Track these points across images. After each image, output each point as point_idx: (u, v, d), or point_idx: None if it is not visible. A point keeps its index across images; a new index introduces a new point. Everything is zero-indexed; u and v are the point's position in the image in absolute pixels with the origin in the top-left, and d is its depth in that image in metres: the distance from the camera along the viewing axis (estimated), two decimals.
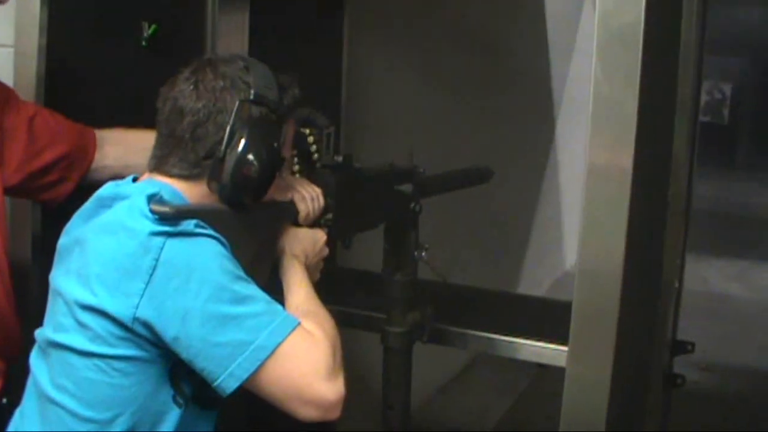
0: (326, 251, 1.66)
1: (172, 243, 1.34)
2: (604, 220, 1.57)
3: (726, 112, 10.10)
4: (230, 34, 2.36)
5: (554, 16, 5.23)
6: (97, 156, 1.86)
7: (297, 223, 1.63)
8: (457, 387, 4.46)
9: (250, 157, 1.43)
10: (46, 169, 1.79)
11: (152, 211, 1.34)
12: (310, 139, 1.68)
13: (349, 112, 2.89)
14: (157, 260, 1.33)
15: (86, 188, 1.59)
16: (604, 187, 1.56)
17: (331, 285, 1.63)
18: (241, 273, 1.38)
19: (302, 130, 1.66)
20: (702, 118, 2.14)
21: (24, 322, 1.71)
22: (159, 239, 1.34)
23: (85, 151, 1.85)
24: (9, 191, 1.77)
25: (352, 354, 1.44)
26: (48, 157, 1.79)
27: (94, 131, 1.88)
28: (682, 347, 2.17)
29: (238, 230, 1.46)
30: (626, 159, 1.54)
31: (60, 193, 1.82)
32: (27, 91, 1.84)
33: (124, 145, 1.54)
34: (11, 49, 1.86)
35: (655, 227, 1.98)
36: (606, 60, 1.53)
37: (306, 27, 2.61)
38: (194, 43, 2.31)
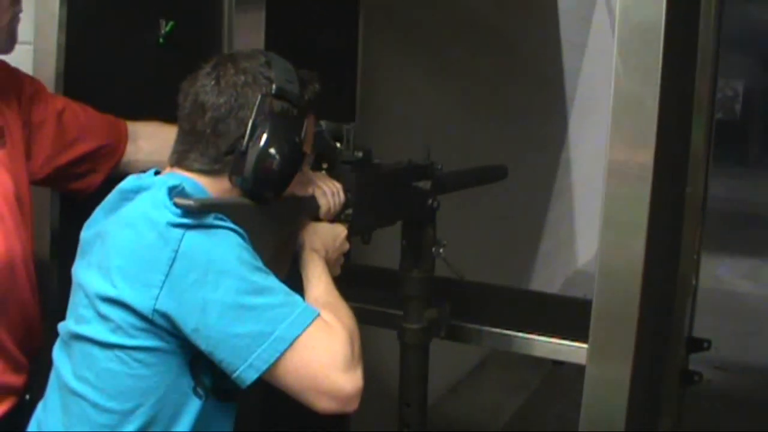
0: (347, 246, 1.66)
1: (191, 235, 1.34)
2: (624, 217, 1.56)
3: (738, 108, 10.07)
4: (246, 31, 2.37)
5: (567, 13, 5.23)
6: (130, 149, 1.87)
7: (318, 218, 1.63)
8: (469, 385, 4.47)
9: (272, 151, 1.43)
10: (74, 163, 1.80)
11: (176, 205, 1.34)
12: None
13: (364, 108, 2.89)
14: (176, 252, 1.32)
15: (111, 182, 1.59)
16: (625, 184, 1.55)
17: (349, 281, 1.63)
18: (260, 264, 1.38)
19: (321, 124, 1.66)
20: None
21: (44, 316, 1.72)
22: (178, 231, 1.34)
23: (115, 145, 1.85)
24: (37, 183, 1.77)
25: (369, 351, 1.44)
26: (77, 151, 1.79)
27: (126, 125, 1.88)
28: (698, 344, 2.16)
29: (260, 224, 1.46)
30: (647, 155, 1.53)
31: (88, 184, 1.82)
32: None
33: (158, 140, 1.53)
34: (30, 47, 1.86)
35: (673, 224, 1.98)
36: (627, 56, 1.52)
37: (321, 23, 2.62)
38: (211, 41, 2.32)
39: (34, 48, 1.88)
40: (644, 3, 1.51)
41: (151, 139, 1.85)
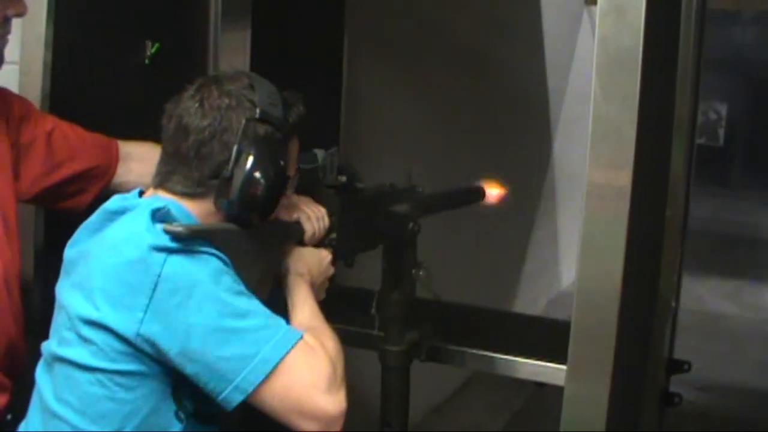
0: (331, 270, 1.67)
1: (173, 259, 1.35)
2: (602, 239, 1.58)
3: (721, 132, 10.13)
4: (232, 53, 2.38)
5: (551, 35, 5.26)
6: (121, 170, 1.87)
7: (302, 243, 1.64)
8: (452, 406, 4.46)
9: (258, 175, 1.44)
10: (63, 183, 1.80)
11: (165, 231, 1.35)
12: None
13: (348, 130, 2.91)
14: (158, 276, 1.33)
15: (100, 200, 1.59)
16: (603, 206, 1.58)
17: (330, 303, 1.64)
18: (242, 288, 1.39)
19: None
20: (697, 140, 2.15)
21: (27, 335, 1.72)
22: (160, 255, 1.35)
23: (106, 166, 1.85)
24: (26, 202, 1.78)
25: (351, 371, 1.45)
26: (66, 172, 1.79)
27: (118, 146, 1.88)
28: (678, 366, 2.17)
29: (247, 249, 1.47)
30: (625, 178, 1.56)
31: (78, 204, 1.82)
32: None
33: (150, 163, 1.54)
34: (16, 66, 1.87)
35: (653, 246, 2.00)
36: (605, 82, 1.55)
37: (307, 46, 2.63)
38: (196, 62, 2.33)
39: (20, 68, 1.89)
40: (622, 30, 1.53)
41: (143, 162, 1.83)
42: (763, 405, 4.39)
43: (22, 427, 1.50)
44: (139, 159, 1.86)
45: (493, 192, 2.17)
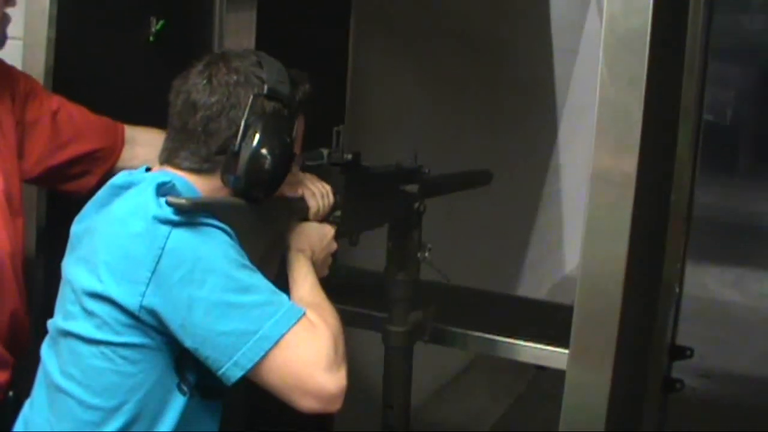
0: (334, 246, 1.67)
1: (178, 232, 1.35)
2: (606, 224, 1.57)
3: (729, 112, 10.07)
4: (237, 32, 2.38)
5: (558, 19, 5.24)
6: (127, 154, 1.86)
7: (306, 219, 1.64)
8: (454, 389, 4.47)
9: (264, 151, 1.44)
10: (67, 164, 1.80)
11: (168, 204, 1.35)
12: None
13: (353, 112, 2.90)
14: (162, 249, 1.33)
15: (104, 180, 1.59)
16: (608, 191, 1.56)
17: (333, 283, 1.64)
18: (246, 262, 1.39)
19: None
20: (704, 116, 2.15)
21: (31, 313, 1.72)
22: (165, 228, 1.35)
23: (111, 149, 1.85)
24: (29, 182, 1.77)
25: (353, 353, 1.45)
26: (70, 153, 1.79)
27: (124, 129, 1.87)
28: (681, 352, 2.17)
29: (251, 224, 1.47)
30: (630, 163, 1.54)
31: (82, 186, 1.81)
32: None
33: (156, 149, 1.54)
34: (20, 42, 1.86)
35: (657, 232, 1.99)
36: (612, 64, 1.54)
37: (313, 26, 2.62)
38: (201, 40, 2.33)
39: (24, 43, 1.88)
40: (631, 12, 1.52)
41: (148, 147, 1.82)
42: (766, 392, 4.39)
43: (27, 405, 1.50)
44: (145, 144, 1.86)
45: None
